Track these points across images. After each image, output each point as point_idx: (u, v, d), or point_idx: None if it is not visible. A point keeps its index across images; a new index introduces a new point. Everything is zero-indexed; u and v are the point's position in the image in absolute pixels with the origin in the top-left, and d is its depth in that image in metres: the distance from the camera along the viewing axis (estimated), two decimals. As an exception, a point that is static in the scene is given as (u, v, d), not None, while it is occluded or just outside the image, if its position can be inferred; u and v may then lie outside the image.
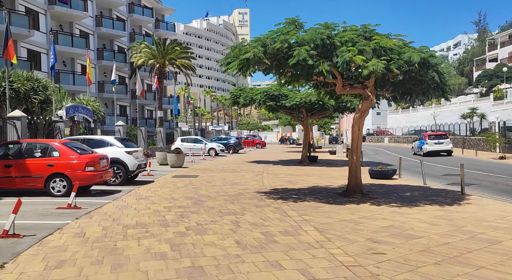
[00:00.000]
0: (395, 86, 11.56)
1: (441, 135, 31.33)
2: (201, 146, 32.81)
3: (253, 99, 23.85)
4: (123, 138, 15.18)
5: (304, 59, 9.28)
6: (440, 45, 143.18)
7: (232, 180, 16.01)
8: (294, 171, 20.05)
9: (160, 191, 12.90)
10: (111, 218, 8.52)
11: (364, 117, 11.47)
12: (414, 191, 12.71)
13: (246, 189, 13.22)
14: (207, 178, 16.94)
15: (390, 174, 16.21)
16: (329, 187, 13.74)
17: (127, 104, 43.40)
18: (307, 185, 14.28)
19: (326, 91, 12.72)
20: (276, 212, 9.17)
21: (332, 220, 8.26)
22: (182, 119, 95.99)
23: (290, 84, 12.56)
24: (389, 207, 9.73)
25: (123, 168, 14.08)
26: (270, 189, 13.22)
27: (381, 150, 44.06)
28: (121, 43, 42.39)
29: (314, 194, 11.98)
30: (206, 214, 8.96)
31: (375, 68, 8.91)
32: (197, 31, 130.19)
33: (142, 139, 30.81)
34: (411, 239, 6.63)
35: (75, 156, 11.22)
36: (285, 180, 15.98)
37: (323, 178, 16.99)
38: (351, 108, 22.93)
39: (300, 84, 12.96)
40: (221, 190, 12.95)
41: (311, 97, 22.11)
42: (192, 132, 42.57)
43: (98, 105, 23.79)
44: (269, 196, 11.59)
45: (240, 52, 10.04)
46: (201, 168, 21.64)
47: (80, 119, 21.80)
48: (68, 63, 34.19)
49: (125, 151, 14.25)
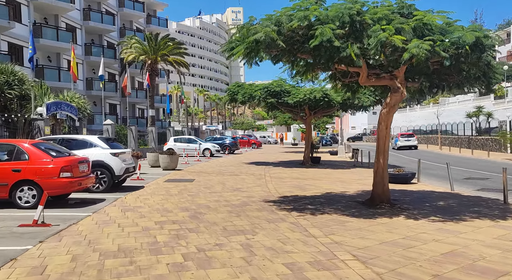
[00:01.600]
0: (427, 76, 9.83)
1: (409, 135, 43.68)
2: (196, 147, 30.92)
3: (252, 96, 22.03)
4: (108, 138, 13.28)
5: (329, 40, 7.50)
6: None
7: (233, 185, 14.19)
8: (299, 174, 18.27)
9: (151, 199, 11.04)
10: (86, 240, 6.65)
11: (393, 112, 9.71)
12: (446, 199, 10.98)
13: (251, 197, 11.40)
14: (204, 182, 15.11)
15: (408, 177, 14.49)
16: (345, 194, 11.97)
17: (117, 103, 41.34)
18: (320, 192, 12.50)
19: (344, 83, 10.94)
20: (294, 229, 7.36)
21: (370, 242, 6.48)
22: (175, 119, 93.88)
23: (303, 76, 10.75)
24: (430, 222, 7.97)
25: (108, 172, 12.20)
26: (278, 197, 11.42)
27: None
28: (110, 38, 40.33)
29: (332, 204, 10.20)
30: (208, 233, 7.13)
31: (417, 50, 7.14)
32: (190, 29, 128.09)
33: (133, 139, 28.88)
34: (496, 278, 4.86)
35: (48, 160, 9.33)
36: (292, 185, 14.19)
37: (333, 182, 15.23)
38: (358, 105, 21.19)
39: (314, 75, 11.19)
40: (222, 198, 11.12)
41: (315, 94, 20.34)
42: (186, 131, 40.66)
43: (84, 102, 21.82)
44: (280, 207, 9.79)
45: (248, 33, 8.23)
46: (197, 171, 19.79)
47: (63, 117, 19.84)
48: (53, 58, 32.10)
49: (111, 152, 12.36)
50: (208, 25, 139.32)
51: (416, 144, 41.83)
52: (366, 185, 14.19)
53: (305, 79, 11.23)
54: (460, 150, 34.58)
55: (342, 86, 11.28)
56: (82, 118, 22.05)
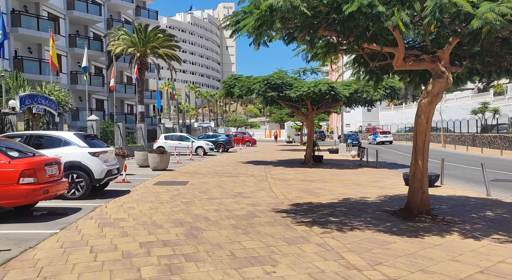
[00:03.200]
0: (474, 58, 8.05)
1: (386, 132, 52.77)
2: (188, 144, 28.98)
3: (250, 89, 20.12)
4: (87, 135, 11.30)
5: (370, 4, 5.67)
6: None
7: (233, 189, 12.32)
8: (304, 175, 16.46)
9: (137, 209, 9.13)
10: (40, 277, 4.75)
11: (436, 103, 7.90)
12: (491, 208, 9.23)
13: (257, 205, 9.55)
14: (199, 185, 13.22)
15: (432, 180, 12.74)
16: (367, 201, 10.16)
17: (104, 98, 39.15)
18: (335, 197, 10.69)
19: (371, 70, 9.11)
20: (326, 256, 5.53)
21: (438, 278, 4.66)
22: (165, 116, 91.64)
23: (322, 59, 8.90)
24: (499, 243, 6.19)
25: (86, 175, 10.25)
26: (289, 205, 9.58)
27: (384, 149, 40.73)
28: (97, 30, 38.09)
29: (357, 214, 8.38)
30: (212, 262, 5.27)
31: (493, 17, 5.32)
32: (181, 24, 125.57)
33: (120, 136, 26.82)
34: None
35: (4, 161, 7.37)
36: (301, 189, 12.36)
37: (346, 185, 13.43)
38: (366, 99, 19.38)
39: (334, 58, 9.36)
40: (223, 207, 9.26)
41: (321, 86, 18.50)
42: (177, 128, 38.61)
43: (65, 95, 19.73)
44: (295, 219, 7.95)
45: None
46: (190, 171, 17.88)
47: (40, 112, 17.78)
48: (34, 50, 29.88)
49: (89, 152, 10.41)
50: (199, 21, 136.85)
51: (392, 140, 50.82)
52: (384, 188, 12.44)
53: (323, 64, 9.36)
54: (467, 148, 33.03)
55: (366, 73, 9.44)
56: (63, 113, 19.98)
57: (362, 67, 9.27)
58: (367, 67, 9.03)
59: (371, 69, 9.06)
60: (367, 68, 9.09)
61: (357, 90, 19.27)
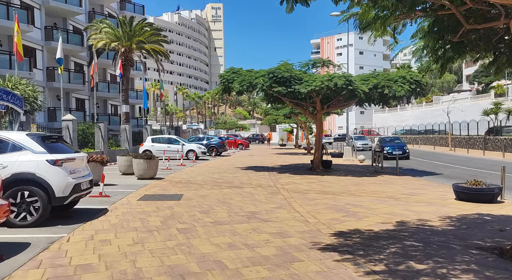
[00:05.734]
0: None
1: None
2: (178, 148, 25.99)
3: (252, 84, 17.30)
4: (47, 136, 8.26)
5: None
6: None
7: (242, 207, 9.48)
8: (321, 185, 13.68)
9: (114, 244, 6.23)
10: None
11: None
12: None
13: (286, 235, 6.74)
14: (198, 201, 10.35)
15: (495, 194, 10.08)
16: (434, 228, 7.41)
17: (85, 97, 35.88)
18: (385, 220, 7.92)
19: (452, 42, 6.36)
20: None
21: None
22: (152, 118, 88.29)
23: (379, 27, 6.15)
24: None
25: (43, 192, 7.31)
26: (331, 235, 6.78)
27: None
28: (77, 23, 34.82)
29: (446, 255, 5.61)
30: None
31: None
32: (168, 25, 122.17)
33: (101, 138, 23.78)
34: None
35: None
36: (330, 207, 9.58)
37: (382, 200, 10.67)
38: (388, 96, 16.67)
39: (395, 27, 6.63)
40: (239, 240, 6.41)
41: (336, 80, 15.74)
42: (165, 130, 35.59)
43: (32, 90, 16.62)
44: (359, 265, 5.15)
45: None
46: (183, 180, 14.97)
47: (1, 109, 14.68)
48: (4, 42, 26.62)
49: (48, 159, 7.46)
50: (187, 21, 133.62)
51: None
52: (434, 205, 9.76)
53: (379, 34, 6.59)
54: (484, 152, 30.61)
55: (439, 49, 6.70)
56: (31, 111, 16.88)
57: (436, 41, 6.53)
58: (447, 38, 6.29)
59: (452, 42, 6.33)
60: (447, 39, 6.35)
61: (376, 85, 16.59)
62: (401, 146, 28.60)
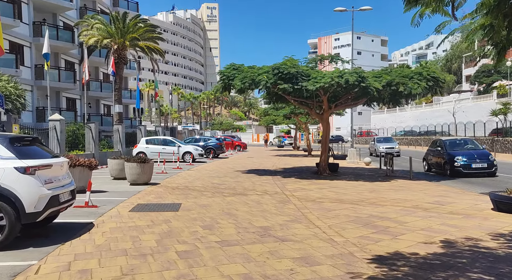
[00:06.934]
0: None
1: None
2: (174, 150, 24.59)
3: (255, 81, 15.93)
4: (18, 138, 6.81)
5: None
6: (412, 45, 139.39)
7: (251, 220, 8.12)
8: (334, 192, 12.34)
9: (95, 278, 4.84)
10: None
11: None
12: None
13: (313, 262, 5.39)
14: (198, 212, 8.97)
15: (545, 205, 8.53)
16: (492, 250, 6.08)
17: (76, 97, 34.35)
18: (426, 240, 6.60)
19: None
20: None
21: None
22: (146, 119, 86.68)
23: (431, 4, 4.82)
24: None
25: (9, 208, 5.90)
26: (370, 262, 5.43)
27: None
28: (68, 19, 33.31)
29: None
30: None
31: None
32: (163, 24, 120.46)
33: (92, 140, 22.32)
34: None
35: None
36: (353, 220, 8.23)
37: (409, 210, 9.34)
38: (404, 94, 15.34)
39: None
40: (256, 270, 5.05)
41: (348, 77, 14.41)
42: (160, 131, 34.12)
43: (13, 87, 15.16)
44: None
45: None
46: (181, 186, 13.58)
47: (-23, 108, 13.23)
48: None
49: (17, 166, 6.05)
50: (182, 21, 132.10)
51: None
52: (473, 217, 8.44)
53: (431, 9, 5.24)
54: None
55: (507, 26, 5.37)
56: (13, 109, 15.40)
57: (504, 17, 5.20)
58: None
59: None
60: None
61: (390, 82, 15.27)
62: (484, 155, 17.20)
